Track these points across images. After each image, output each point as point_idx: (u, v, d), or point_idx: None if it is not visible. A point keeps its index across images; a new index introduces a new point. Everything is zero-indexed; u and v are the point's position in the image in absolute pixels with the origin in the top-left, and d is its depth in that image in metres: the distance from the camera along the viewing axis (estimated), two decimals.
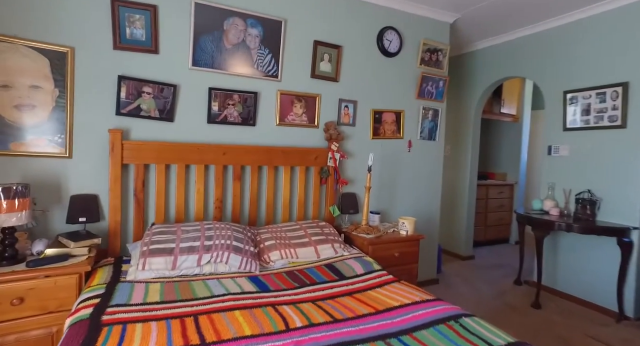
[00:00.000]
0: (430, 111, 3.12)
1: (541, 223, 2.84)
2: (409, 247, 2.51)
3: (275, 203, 2.52)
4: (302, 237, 2.20)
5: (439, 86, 3.12)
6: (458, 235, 4.18)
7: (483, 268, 3.82)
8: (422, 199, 3.18)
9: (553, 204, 3.06)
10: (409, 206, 3.10)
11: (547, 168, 3.27)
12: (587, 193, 2.88)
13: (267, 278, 1.82)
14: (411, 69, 3.01)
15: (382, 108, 2.91)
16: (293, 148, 2.50)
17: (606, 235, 2.58)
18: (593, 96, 2.85)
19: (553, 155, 3.20)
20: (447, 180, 4.34)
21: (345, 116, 2.76)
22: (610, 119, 2.76)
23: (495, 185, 4.76)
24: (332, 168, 2.63)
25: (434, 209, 3.26)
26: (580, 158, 2.99)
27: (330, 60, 2.65)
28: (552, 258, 3.19)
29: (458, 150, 4.19)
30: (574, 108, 3.00)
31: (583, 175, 2.96)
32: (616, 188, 2.74)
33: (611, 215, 2.76)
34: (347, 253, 2.22)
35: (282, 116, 2.52)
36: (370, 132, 2.87)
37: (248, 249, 1.93)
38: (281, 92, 2.49)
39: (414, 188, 3.12)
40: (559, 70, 3.14)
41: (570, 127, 3.03)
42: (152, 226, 1.95)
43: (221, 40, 2.27)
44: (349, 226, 2.60)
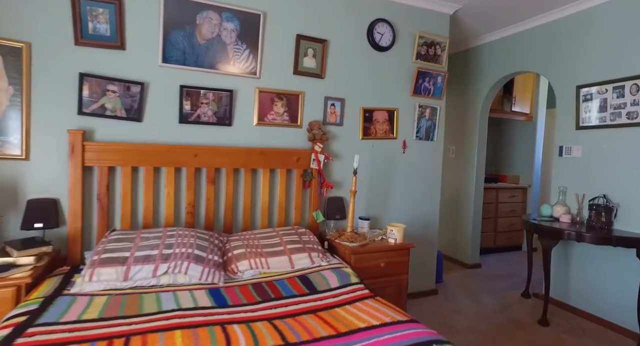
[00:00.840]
0: (428, 109, 2.90)
1: (549, 232, 2.57)
2: (397, 256, 2.30)
3: (254, 209, 2.37)
4: (277, 245, 2.04)
5: (437, 82, 2.90)
6: (463, 242, 3.92)
7: (489, 278, 3.55)
8: (419, 204, 2.96)
9: (564, 210, 2.78)
10: (404, 211, 2.89)
11: (558, 171, 2.98)
12: (602, 198, 2.59)
13: (229, 292, 1.67)
14: (406, 64, 2.80)
15: (373, 106, 2.72)
16: (273, 149, 2.35)
17: (623, 246, 2.29)
18: (610, 90, 2.57)
19: (565, 157, 2.91)
20: (451, 183, 4.08)
21: (332, 115, 2.58)
22: (629, 116, 2.47)
23: (506, 189, 4.46)
24: (315, 171, 2.46)
25: (432, 214, 3.03)
26: (594, 160, 2.70)
27: (314, 55, 2.49)
28: (564, 269, 2.90)
29: (464, 151, 3.93)
30: (588, 104, 2.71)
31: (598, 178, 2.67)
32: (636, 193, 2.44)
33: (630, 223, 2.46)
34: (326, 264, 2.04)
35: (262, 115, 2.37)
36: (360, 132, 2.68)
37: (211, 258, 1.78)
38: (260, 89, 2.34)
39: (410, 192, 2.91)
40: (571, 63, 2.85)
41: (584, 125, 2.75)
42: (110, 232, 1.84)
43: (194, 36, 2.14)
44: (332, 233, 2.42)
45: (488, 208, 4.33)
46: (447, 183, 4.17)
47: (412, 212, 2.93)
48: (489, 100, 3.73)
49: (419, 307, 2.80)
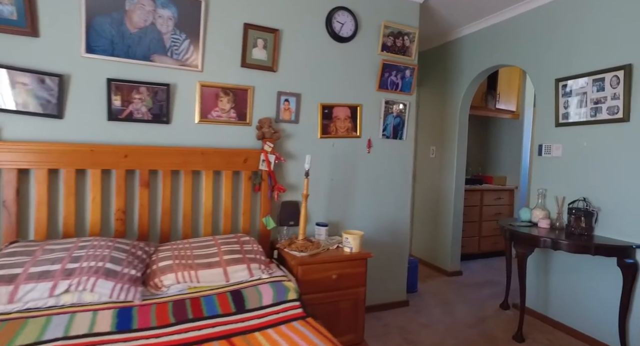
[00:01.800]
0: (396, 105, 2.68)
1: (523, 239, 2.35)
2: (352, 267, 2.08)
3: (196, 215, 2.16)
4: (212, 256, 1.82)
5: (405, 76, 2.68)
6: (443, 248, 3.69)
7: (469, 287, 3.32)
8: (387, 208, 2.73)
9: (543, 215, 2.56)
10: (370, 216, 2.67)
11: (537, 172, 2.76)
12: (582, 201, 2.37)
13: (142, 311, 1.45)
14: (370, 56, 2.59)
15: (333, 102, 2.50)
16: (216, 149, 2.13)
17: (603, 254, 2.07)
18: (590, 83, 2.34)
19: (544, 156, 2.69)
20: (432, 186, 3.86)
21: (286, 112, 2.37)
22: (609, 111, 2.24)
23: (491, 190, 4.23)
24: (265, 173, 2.24)
25: (402, 219, 2.80)
26: (575, 160, 2.47)
27: (265, 46, 2.27)
28: (544, 279, 2.67)
29: (444, 151, 3.70)
30: (567, 99, 2.49)
31: (578, 179, 2.45)
32: (618, 196, 2.22)
33: (612, 229, 2.24)
34: (266, 276, 1.82)
35: (205, 112, 2.16)
36: (319, 130, 2.46)
37: (127, 273, 1.57)
38: (203, 84, 2.13)
39: (377, 195, 2.69)
40: (550, 55, 2.63)
41: (564, 121, 2.52)
42: (8, 245, 1.62)
43: (123, 23, 1.93)
44: (283, 241, 2.20)
45: (472, 211, 4.10)
46: (427, 185, 3.96)
47: (379, 217, 2.71)
48: (469, 96, 3.51)
49: (384, 321, 2.58)
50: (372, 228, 2.68)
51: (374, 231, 2.69)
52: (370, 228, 2.68)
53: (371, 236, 2.68)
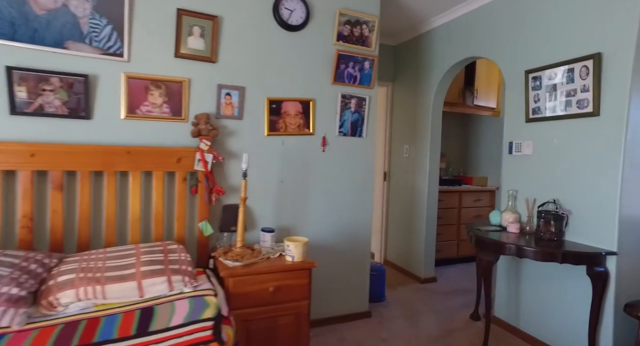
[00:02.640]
0: (354, 100, 2.48)
1: (488, 245, 2.14)
2: (293, 278, 1.87)
3: (121, 221, 1.94)
4: (127, 268, 1.60)
5: (364, 68, 2.47)
6: (416, 253, 3.48)
7: (442, 295, 3.11)
8: (346, 210, 2.52)
9: (513, 218, 2.35)
10: (326, 220, 2.46)
11: (507, 171, 2.56)
12: (552, 204, 2.16)
13: (15, 340, 1.23)
14: (324, 47, 2.38)
15: (282, 96, 2.29)
16: (145, 148, 1.92)
17: (570, 262, 1.86)
18: (559, 74, 2.14)
19: (514, 154, 2.49)
20: (406, 187, 3.66)
21: (228, 106, 2.16)
22: (579, 105, 2.04)
23: (471, 192, 4.03)
24: (202, 174, 2.03)
25: (364, 224, 2.59)
26: (546, 158, 2.27)
27: (202, 34, 2.06)
28: (514, 287, 2.46)
29: (417, 150, 3.50)
30: (537, 92, 2.29)
31: (549, 180, 2.25)
32: (588, 197, 2.01)
33: (583, 233, 2.03)
34: (189, 290, 1.60)
35: (133, 107, 1.94)
36: (265, 127, 2.25)
37: (5, 292, 1.34)
38: (129, 75, 1.92)
39: (335, 197, 2.48)
40: (520, 44, 2.43)
41: (534, 117, 2.32)
42: None
43: (26, 3, 1.71)
44: (219, 249, 1.98)
45: (450, 213, 3.90)
46: (401, 186, 3.75)
47: (337, 221, 2.50)
48: (442, 91, 3.31)
49: (340, 335, 2.37)
50: (329, 233, 2.47)
51: (331, 236, 2.48)
52: (327, 233, 2.46)
53: (328, 242, 2.47)
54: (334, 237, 2.49)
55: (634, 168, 1.90)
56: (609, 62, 1.92)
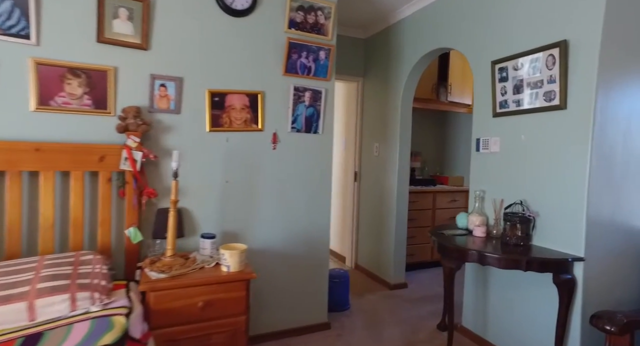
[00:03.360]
0: (308, 93, 2.28)
1: (450, 251, 1.96)
2: (228, 290, 1.66)
3: (30, 228, 1.70)
4: (19, 285, 1.37)
5: (319, 58, 2.28)
6: (386, 257, 3.30)
7: (411, 302, 2.93)
8: (301, 213, 2.32)
9: (480, 221, 2.18)
10: (278, 224, 2.25)
11: (475, 170, 2.38)
12: (519, 205, 2.00)
13: None
14: (274, 34, 2.18)
15: (226, 88, 2.08)
16: (58, 144, 1.68)
17: (536, 270, 1.69)
18: (526, 65, 1.98)
19: (482, 152, 2.32)
20: (376, 187, 3.47)
21: (163, 99, 1.94)
22: (546, 97, 1.88)
23: (445, 192, 3.87)
24: (130, 174, 1.81)
25: (321, 226, 2.39)
26: (513, 156, 2.11)
27: (131, 17, 1.84)
28: (482, 296, 2.29)
29: (387, 148, 3.32)
30: (504, 84, 2.12)
31: (517, 179, 2.08)
32: (555, 198, 1.85)
33: (551, 237, 1.87)
34: (97, 309, 1.38)
35: (45, 98, 1.71)
36: (207, 122, 2.04)
37: None
38: (39, 61, 1.68)
39: (288, 199, 2.27)
40: (487, 33, 2.26)
41: (501, 111, 2.15)
42: None
43: None
44: (147, 259, 1.76)
45: (423, 215, 3.73)
46: (371, 187, 3.57)
47: (291, 225, 2.29)
48: (411, 86, 3.13)
49: None
50: (282, 238, 2.27)
51: (285, 242, 2.28)
52: (280, 238, 2.26)
53: (281, 248, 2.26)
54: (287, 242, 2.28)
55: (601, 165, 1.74)
56: (575, 50, 1.76)
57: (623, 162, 1.80)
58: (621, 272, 1.83)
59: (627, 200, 1.83)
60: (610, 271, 1.80)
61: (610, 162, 1.76)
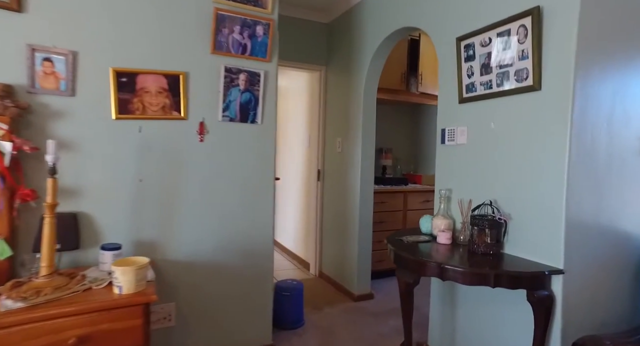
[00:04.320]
0: (243, 75, 1.92)
1: (406, 262, 1.63)
2: (117, 319, 1.29)
3: None
4: None
5: (256, 34, 1.93)
6: (349, 265, 2.97)
7: (374, 316, 2.60)
8: (237, 216, 1.96)
9: (445, 225, 1.86)
10: (208, 231, 1.89)
11: (440, 166, 2.07)
12: (488, 206, 1.68)
13: None
14: (198, 3, 1.82)
15: (137, 67, 1.71)
16: None
17: (506, 286, 1.38)
18: (494, 40, 1.67)
19: (448, 144, 2.01)
20: (338, 187, 3.14)
21: (48, 77, 1.55)
22: (518, 76, 1.57)
23: (417, 192, 3.56)
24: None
25: (262, 231, 2.04)
26: (482, 148, 1.80)
27: None
28: (449, 313, 1.97)
29: (350, 143, 2.99)
30: (471, 64, 1.81)
31: (487, 175, 1.77)
32: (530, 197, 1.54)
33: (525, 245, 1.56)
34: None
35: None
36: (113, 108, 1.66)
37: None
38: None
39: (220, 200, 1.91)
40: (451, 7, 1.95)
41: (468, 95, 1.85)
42: None
43: None
44: (9, 282, 1.37)
45: (393, 217, 3.41)
46: (334, 187, 3.24)
47: (224, 232, 1.93)
48: (375, 74, 2.81)
49: None
50: (212, 247, 1.90)
51: (216, 251, 1.91)
52: (209, 247, 1.89)
53: (211, 258, 1.90)
54: (220, 250, 1.92)
55: (582, 157, 1.44)
56: (550, 18, 1.45)
57: (607, 154, 1.51)
58: (606, 286, 1.54)
59: (612, 199, 1.54)
60: (594, 285, 1.50)
61: (592, 154, 1.47)
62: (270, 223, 2.06)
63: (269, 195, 2.04)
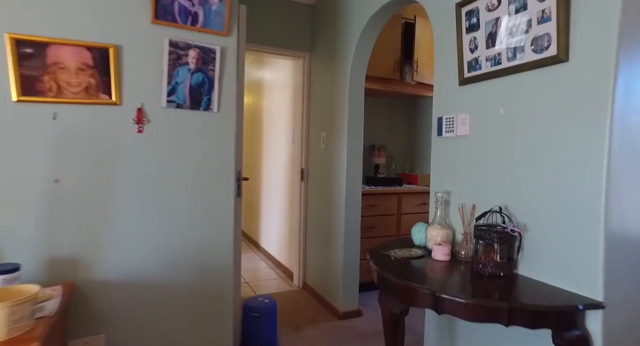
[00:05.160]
0: (194, 51, 1.56)
1: (392, 288, 1.27)
2: None
3: None
4: None
5: (209, 1, 1.57)
6: (334, 276, 2.60)
7: (362, 338, 2.24)
8: (190, 224, 1.60)
9: (442, 236, 1.50)
10: (151, 240, 1.53)
11: (437, 163, 1.71)
12: (497, 213, 1.32)
13: None
14: None
15: (47, 35, 1.35)
16: None
17: (524, 325, 1.01)
18: (504, 3, 1.31)
19: (446, 136, 1.64)
20: (323, 188, 2.78)
21: None
22: (536, 45, 1.21)
23: (413, 193, 3.19)
24: None
25: (220, 243, 1.68)
26: (488, 139, 1.43)
27: None
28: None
29: (335, 139, 2.63)
30: (474, 36, 1.45)
31: (494, 174, 1.41)
32: (553, 202, 1.18)
33: (546, 264, 1.20)
34: None
35: None
36: (13, 87, 1.30)
37: None
38: None
39: (166, 204, 1.55)
40: None
41: (471, 74, 1.48)
42: None
43: None
44: None
45: (386, 222, 3.05)
46: (318, 188, 2.88)
47: (171, 242, 1.57)
48: (363, 59, 2.45)
49: None
50: (156, 262, 1.54)
51: (161, 267, 1.55)
52: (152, 262, 1.53)
53: (155, 277, 1.54)
54: (164, 267, 1.56)
55: (627, 150, 1.08)
56: None
57: None
58: None
59: None
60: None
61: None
62: (230, 231, 1.69)
63: (229, 199, 1.68)
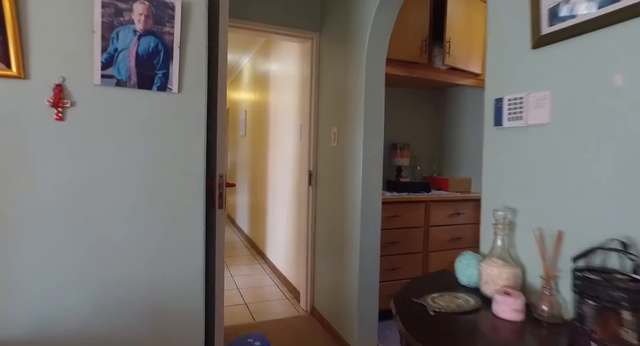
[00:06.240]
0: (141, 6, 1.10)
1: None
2: None
3: None
4: None
5: None
6: (347, 305, 2.10)
7: None
8: (139, 257, 1.15)
9: (506, 277, 0.97)
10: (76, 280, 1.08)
11: (491, 165, 1.18)
12: (616, 252, 0.79)
13: None
14: None
15: None
16: None
17: None
18: None
19: (507, 127, 1.11)
20: (334, 195, 2.29)
21: None
22: None
23: (445, 201, 2.65)
24: None
25: (185, 280, 1.21)
26: (586, 130, 0.90)
27: None
28: None
29: (348, 135, 2.13)
30: None
31: (604, 186, 0.87)
32: None
33: None
34: None
35: None
36: None
37: None
38: None
39: (102, 227, 1.10)
40: None
41: (554, 29, 0.95)
42: None
43: None
44: None
45: (411, 236, 2.52)
46: (328, 193, 2.39)
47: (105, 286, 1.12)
48: (382, 38, 1.94)
49: None
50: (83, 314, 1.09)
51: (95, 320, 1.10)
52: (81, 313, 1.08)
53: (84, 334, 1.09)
54: (100, 317, 1.11)
55: None
56: None
57: None
58: None
59: None
60: None
61: None
62: (199, 259, 1.22)
63: (196, 214, 1.21)
